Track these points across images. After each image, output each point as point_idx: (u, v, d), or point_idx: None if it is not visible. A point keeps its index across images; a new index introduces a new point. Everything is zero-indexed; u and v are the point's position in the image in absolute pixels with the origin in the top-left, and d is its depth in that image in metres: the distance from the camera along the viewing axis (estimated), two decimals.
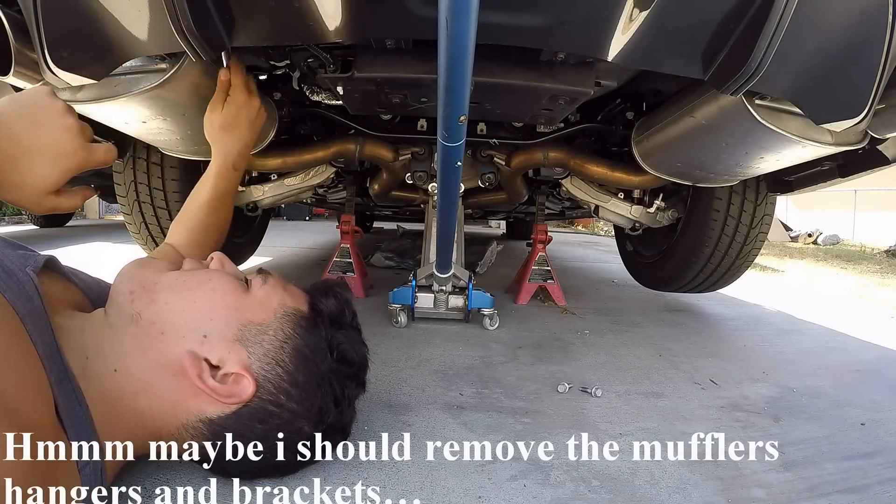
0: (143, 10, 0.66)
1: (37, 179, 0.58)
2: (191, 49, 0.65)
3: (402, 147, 1.55)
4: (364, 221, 4.95)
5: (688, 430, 0.87)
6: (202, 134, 0.98)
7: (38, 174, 0.58)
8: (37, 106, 0.59)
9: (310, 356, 0.63)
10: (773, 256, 5.69)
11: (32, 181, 0.58)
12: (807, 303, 2.48)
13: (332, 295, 0.71)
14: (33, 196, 0.58)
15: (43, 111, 0.58)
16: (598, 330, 1.57)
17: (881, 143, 0.98)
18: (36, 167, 0.57)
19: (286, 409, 0.60)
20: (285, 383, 0.60)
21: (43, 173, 0.58)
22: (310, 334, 0.64)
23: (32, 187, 0.58)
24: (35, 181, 0.58)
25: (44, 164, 0.58)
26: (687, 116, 0.97)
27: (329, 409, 0.64)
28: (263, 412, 0.59)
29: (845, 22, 0.69)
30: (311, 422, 0.62)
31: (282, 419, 0.60)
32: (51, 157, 0.58)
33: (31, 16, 0.67)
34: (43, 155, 0.58)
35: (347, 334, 0.69)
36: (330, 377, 0.65)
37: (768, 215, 1.63)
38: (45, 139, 0.58)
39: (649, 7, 0.64)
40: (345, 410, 0.68)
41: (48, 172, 0.58)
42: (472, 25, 0.51)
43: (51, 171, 0.58)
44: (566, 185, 1.76)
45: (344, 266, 1.90)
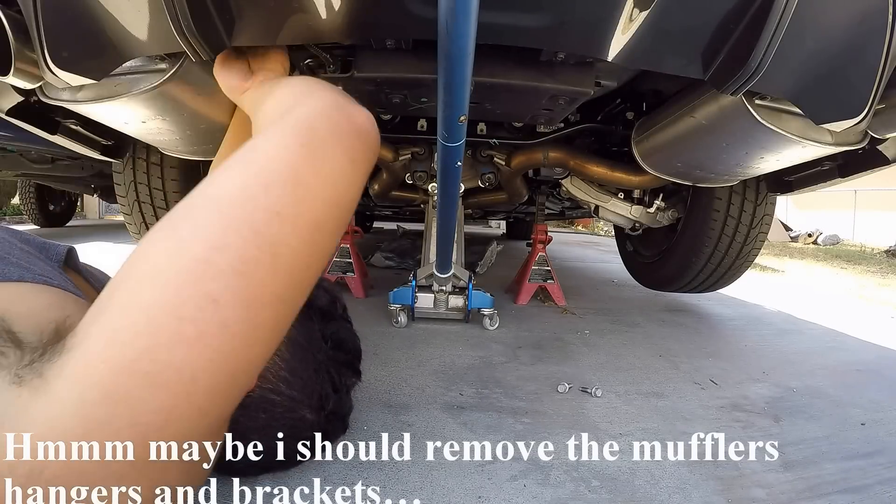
0: (142, 10, 0.66)
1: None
2: (191, 49, 0.65)
3: (402, 147, 1.55)
4: (364, 221, 4.95)
5: (688, 430, 0.87)
6: (202, 134, 0.98)
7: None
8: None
9: (305, 345, 0.65)
10: (773, 256, 5.69)
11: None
12: (807, 303, 2.48)
13: (322, 289, 0.73)
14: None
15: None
16: (598, 330, 1.57)
17: (881, 143, 0.98)
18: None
19: (287, 397, 0.61)
20: (284, 371, 0.61)
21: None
22: (303, 326, 0.66)
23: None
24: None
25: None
26: (687, 116, 0.97)
27: (329, 395, 0.66)
28: (265, 401, 0.60)
29: (845, 22, 0.69)
30: (312, 409, 0.63)
31: (283, 407, 0.61)
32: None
33: (31, 16, 0.67)
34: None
35: (340, 325, 0.72)
36: (327, 365, 0.67)
37: (768, 215, 1.63)
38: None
39: (649, 7, 0.64)
40: (343, 397, 0.69)
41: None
42: (472, 25, 0.51)
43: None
44: (566, 185, 1.76)
45: (344, 266, 1.90)
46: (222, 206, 0.40)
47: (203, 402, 0.39)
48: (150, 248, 0.40)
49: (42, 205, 5.44)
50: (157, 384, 0.36)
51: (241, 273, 0.38)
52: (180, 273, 0.37)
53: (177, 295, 0.37)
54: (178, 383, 0.37)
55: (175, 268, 0.38)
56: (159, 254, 0.39)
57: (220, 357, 0.38)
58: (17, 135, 2.88)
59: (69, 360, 0.36)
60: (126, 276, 0.40)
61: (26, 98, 0.93)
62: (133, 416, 0.36)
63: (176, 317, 0.36)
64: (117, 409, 0.36)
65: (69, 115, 1.00)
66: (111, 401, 0.36)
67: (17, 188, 5.65)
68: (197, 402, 0.38)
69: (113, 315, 0.38)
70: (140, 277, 0.39)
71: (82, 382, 0.36)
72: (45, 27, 0.67)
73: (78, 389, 0.36)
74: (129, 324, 0.37)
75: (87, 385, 0.36)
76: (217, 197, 0.41)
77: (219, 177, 0.43)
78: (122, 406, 0.36)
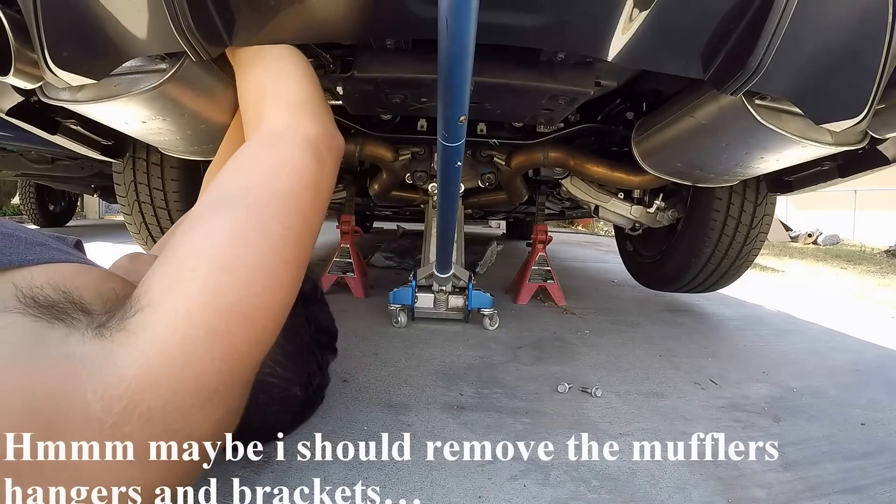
0: (142, 9, 0.66)
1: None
2: (191, 49, 0.65)
3: (402, 147, 1.55)
4: (364, 221, 4.95)
5: (688, 430, 0.87)
6: (202, 134, 0.98)
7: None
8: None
9: (294, 330, 0.71)
10: (773, 256, 5.69)
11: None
12: (807, 303, 2.48)
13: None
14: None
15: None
16: (598, 330, 1.57)
17: (881, 143, 0.98)
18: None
19: (281, 378, 0.69)
20: (279, 356, 0.68)
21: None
22: (292, 312, 0.73)
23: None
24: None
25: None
26: (687, 116, 0.97)
27: (315, 373, 0.76)
28: (265, 384, 0.66)
29: (845, 22, 0.69)
30: (301, 386, 0.72)
31: (279, 387, 0.68)
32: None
33: (31, 16, 0.67)
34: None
35: (320, 308, 0.81)
36: (312, 346, 0.76)
37: (768, 215, 1.63)
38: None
39: (649, 7, 0.64)
40: (324, 373, 0.80)
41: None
42: (472, 25, 0.51)
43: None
44: (566, 185, 1.76)
45: (344, 266, 1.90)
46: (285, 199, 0.56)
47: (273, 334, 0.54)
48: (231, 223, 0.52)
49: (42, 205, 5.44)
50: (252, 322, 0.49)
51: (297, 244, 0.55)
52: (271, 244, 0.53)
53: (268, 257, 0.52)
54: (264, 320, 0.51)
55: (266, 240, 0.52)
56: (251, 229, 0.53)
57: (288, 301, 0.55)
58: (17, 135, 2.88)
59: (159, 312, 0.46)
60: (205, 243, 0.51)
61: (26, 98, 0.93)
62: (229, 348, 0.48)
63: (268, 273, 0.51)
64: (217, 343, 0.47)
65: (69, 115, 0.99)
66: (213, 337, 0.46)
67: (17, 188, 5.66)
68: (272, 335, 0.54)
69: (210, 271, 0.49)
70: (233, 242, 0.51)
71: (187, 324, 0.45)
72: (45, 27, 0.67)
73: (182, 330, 0.45)
74: (229, 279, 0.49)
75: (191, 325, 0.46)
76: (277, 192, 0.56)
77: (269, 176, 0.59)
78: (222, 341, 0.47)
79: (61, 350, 0.42)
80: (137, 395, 0.42)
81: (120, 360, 0.43)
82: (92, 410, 0.41)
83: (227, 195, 0.56)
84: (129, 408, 0.42)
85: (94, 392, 0.41)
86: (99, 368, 0.42)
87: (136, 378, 0.42)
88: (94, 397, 0.41)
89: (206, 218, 0.54)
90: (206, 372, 0.46)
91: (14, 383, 0.39)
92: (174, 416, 0.45)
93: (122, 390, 0.42)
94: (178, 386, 0.44)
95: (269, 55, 0.70)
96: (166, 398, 0.44)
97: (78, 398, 0.40)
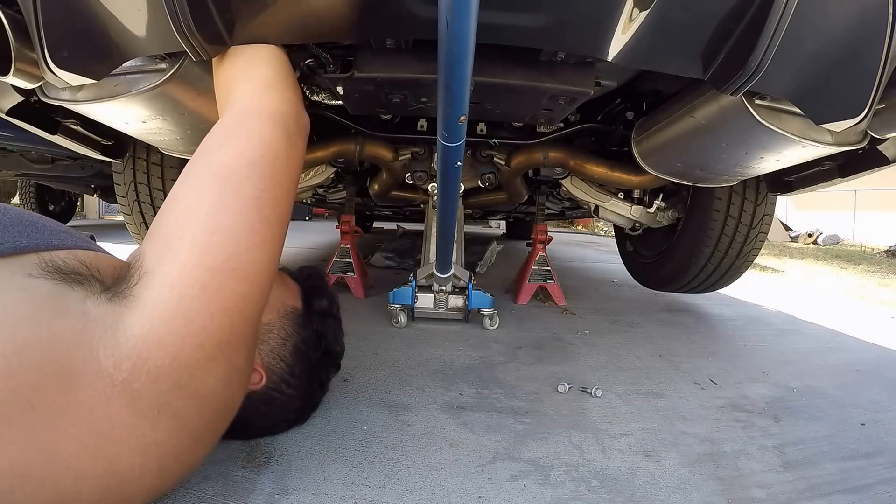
0: (142, 9, 0.66)
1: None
2: (191, 49, 0.65)
3: (401, 147, 1.55)
4: (364, 221, 4.95)
5: (688, 430, 0.87)
6: (202, 133, 0.98)
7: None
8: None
9: (304, 350, 0.75)
10: (773, 256, 5.69)
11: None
12: (807, 303, 2.48)
13: (324, 295, 0.83)
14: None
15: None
16: (598, 330, 1.57)
17: (881, 143, 0.98)
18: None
19: (286, 395, 0.72)
20: (286, 374, 0.72)
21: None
22: (305, 329, 0.76)
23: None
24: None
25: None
26: (687, 116, 0.97)
27: (317, 391, 0.82)
28: (268, 397, 0.70)
29: (845, 22, 0.69)
30: (303, 402, 0.77)
31: (282, 403, 0.72)
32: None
33: (31, 16, 0.67)
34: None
35: (333, 326, 0.84)
36: (318, 366, 0.79)
37: (768, 215, 1.63)
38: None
39: (649, 7, 0.64)
40: (325, 388, 0.86)
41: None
42: (472, 25, 0.51)
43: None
44: (566, 185, 1.76)
45: (344, 266, 1.90)
46: (256, 166, 0.59)
47: (265, 290, 0.57)
48: (209, 193, 0.56)
49: (42, 205, 5.43)
50: (242, 277, 0.53)
51: (273, 204, 0.59)
52: (248, 205, 0.56)
53: (247, 217, 0.56)
54: (254, 275, 0.55)
55: (243, 202, 0.56)
56: (227, 195, 0.56)
57: (273, 256, 0.58)
58: (17, 135, 2.89)
59: (155, 276, 0.50)
60: (187, 213, 0.55)
61: (26, 98, 0.93)
62: (225, 302, 0.51)
63: (249, 231, 0.55)
64: (213, 298, 0.50)
65: (69, 114, 1.00)
66: (207, 293, 0.50)
67: (17, 188, 5.65)
68: (264, 290, 0.57)
69: (195, 235, 0.52)
70: (213, 208, 0.55)
71: (181, 283, 0.49)
72: (45, 27, 0.67)
73: (178, 289, 0.49)
74: (215, 239, 0.53)
75: (185, 284, 0.49)
76: (249, 160, 0.60)
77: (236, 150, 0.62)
78: (217, 295, 0.51)
79: (79, 308, 0.47)
80: (145, 352, 0.46)
81: (126, 322, 0.47)
82: (104, 366, 0.45)
83: (202, 169, 0.59)
84: (137, 365, 0.46)
85: (106, 349, 0.45)
86: (109, 329, 0.46)
87: (142, 337, 0.46)
88: (106, 354, 0.45)
89: (185, 192, 0.58)
90: (207, 327, 0.50)
91: (35, 335, 0.43)
92: (180, 372, 0.48)
93: (129, 349, 0.46)
94: (182, 342, 0.48)
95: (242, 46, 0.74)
96: (173, 354, 0.47)
97: (91, 354, 0.45)
